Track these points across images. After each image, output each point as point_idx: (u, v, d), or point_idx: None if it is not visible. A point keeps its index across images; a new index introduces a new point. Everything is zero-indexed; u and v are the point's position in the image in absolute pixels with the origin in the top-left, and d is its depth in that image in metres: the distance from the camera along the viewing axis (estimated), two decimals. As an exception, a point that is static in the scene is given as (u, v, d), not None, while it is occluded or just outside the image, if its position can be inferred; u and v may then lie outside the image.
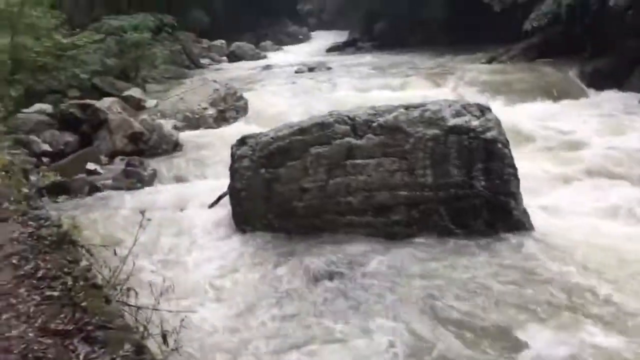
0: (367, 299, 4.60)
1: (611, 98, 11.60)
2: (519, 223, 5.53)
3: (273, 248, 5.71)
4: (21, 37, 12.12)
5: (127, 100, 12.43)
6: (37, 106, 10.89)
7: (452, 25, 23.91)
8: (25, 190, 4.99)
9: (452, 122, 5.69)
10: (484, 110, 5.88)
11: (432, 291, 4.60)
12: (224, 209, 6.58)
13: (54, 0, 14.02)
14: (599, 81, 12.42)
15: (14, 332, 2.36)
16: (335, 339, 4.11)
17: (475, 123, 5.65)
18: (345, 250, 5.52)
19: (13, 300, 2.71)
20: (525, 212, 5.61)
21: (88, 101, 10.54)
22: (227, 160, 6.69)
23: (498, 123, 5.76)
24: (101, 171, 8.64)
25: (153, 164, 8.72)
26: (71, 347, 2.30)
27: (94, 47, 14.29)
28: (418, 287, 4.71)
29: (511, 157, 5.62)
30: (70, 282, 3.05)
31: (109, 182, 7.98)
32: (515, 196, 5.57)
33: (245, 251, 5.67)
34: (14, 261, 3.25)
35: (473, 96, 11.56)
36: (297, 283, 4.97)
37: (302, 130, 6.14)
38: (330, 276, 5.05)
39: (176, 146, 9.85)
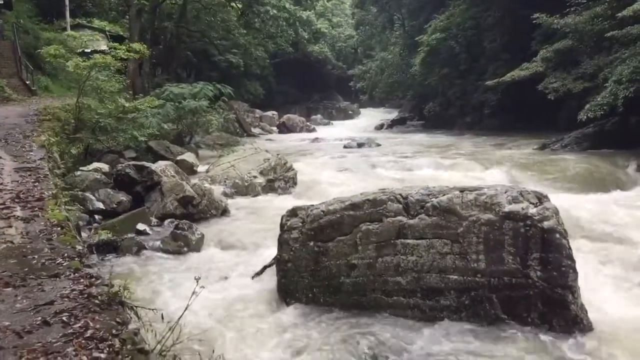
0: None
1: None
2: (576, 319, 5.24)
3: (317, 324, 5.57)
4: (86, 98, 12.74)
5: (181, 164, 12.78)
6: (95, 165, 11.27)
7: (502, 110, 24.01)
8: (78, 247, 5.07)
9: (508, 208, 5.55)
10: (541, 198, 5.73)
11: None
12: (269, 278, 6.52)
13: (120, 66, 14.72)
14: (657, 175, 12.12)
15: (61, 394, 2.31)
16: None
17: (532, 211, 5.49)
18: (390, 332, 5.33)
19: (61, 360, 2.68)
20: (582, 307, 5.33)
21: (144, 163, 10.84)
22: (274, 229, 6.68)
23: (556, 212, 5.59)
24: (150, 232, 8.76)
25: (201, 228, 8.79)
26: (116, 414, 2.23)
27: (153, 111, 14.89)
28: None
29: (569, 249, 5.41)
30: (118, 345, 3.02)
31: (157, 243, 8.05)
32: (573, 290, 5.31)
33: (288, 325, 5.54)
34: (64, 318, 3.25)
35: (524, 182, 11.40)
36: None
37: (353, 206, 6.10)
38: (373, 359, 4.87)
39: (224, 212, 9.98)
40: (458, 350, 4.97)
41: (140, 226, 8.78)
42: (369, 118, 41.26)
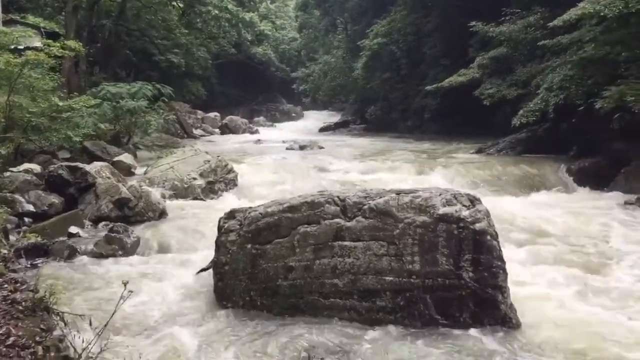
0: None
1: (596, 197, 11.79)
2: (505, 317, 5.41)
3: (253, 327, 5.53)
4: (18, 96, 12.23)
5: (117, 165, 12.47)
6: (26, 165, 10.85)
7: (442, 115, 24.56)
8: (3, 251, 4.87)
9: (442, 210, 5.68)
10: (474, 200, 5.88)
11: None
12: (206, 282, 6.43)
13: (54, 64, 14.22)
14: (585, 179, 12.66)
15: (-25, 406, 2.21)
16: None
17: (465, 213, 5.63)
18: (326, 335, 5.35)
19: (-22, 369, 2.57)
20: (512, 306, 5.51)
21: (78, 164, 10.51)
22: (213, 232, 6.61)
23: (487, 214, 5.75)
24: (84, 235, 8.50)
25: (137, 231, 8.60)
26: None
27: (89, 111, 14.46)
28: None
29: (500, 250, 5.58)
30: (40, 352, 2.93)
31: (91, 247, 7.81)
32: (503, 290, 5.48)
33: (224, 329, 5.47)
34: (-16, 326, 3.12)
35: (460, 185, 11.71)
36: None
37: (291, 208, 6.10)
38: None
39: (162, 214, 9.79)
40: (392, 350, 5.04)
41: (73, 229, 8.50)
42: (313, 121, 41.42)
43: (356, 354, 4.94)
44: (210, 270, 6.45)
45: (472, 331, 5.33)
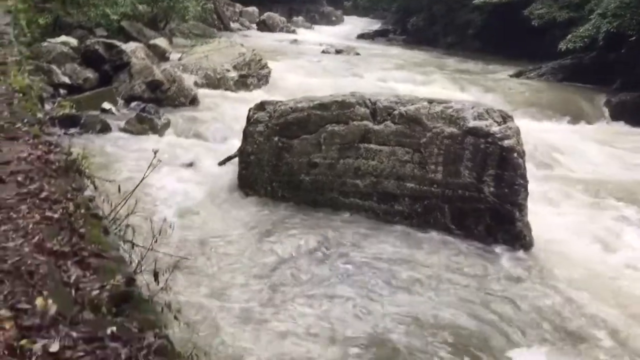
0: (352, 277, 4.64)
1: (630, 132, 11.48)
2: (520, 235, 5.49)
3: (273, 215, 5.73)
4: (57, -34, 12.07)
5: (153, 48, 12.41)
6: (63, 38, 10.84)
7: (485, 33, 23.68)
8: (39, 115, 5.00)
9: (472, 123, 5.64)
10: (505, 117, 5.82)
11: (413, 284, 4.62)
12: (231, 170, 6.59)
13: None
14: (622, 114, 12.27)
15: (10, 244, 2.36)
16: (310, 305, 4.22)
17: (495, 128, 5.59)
18: (342, 229, 5.54)
19: (14, 215, 2.72)
20: (528, 225, 5.57)
21: (114, 42, 10.50)
22: (241, 123, 6.69)
23: (518, 132, 5.70)
24: (116, 112, 8.65)
25: (168, 114, 8.72)
26: (64, 268, 2.30)
27: (128, -11, 14.23)
28: (400, 277, 4.72)
29: (524, 169, 5.56)
30: (71, 208, 3.06)
31: (122, 124, 7.98)
32: (521, 207, 5.52)
33: (244, 213, 5.68)
34: (19, 179, 3.26)
35: (494, 105, 11.48)
36: (287, 251, 5.00)
37: (321, 106, 6.12)
38: (320, 251, 5.09)
39: (193, 101, 9.85)
40: (403, 251, 5.19)
41: (106, 105, 8.64)
42: (352, 27, 40.23)
43: (369, 248, 5.12)
44: (235, 159, 6.59)
45: (485, 244, 5.45)
